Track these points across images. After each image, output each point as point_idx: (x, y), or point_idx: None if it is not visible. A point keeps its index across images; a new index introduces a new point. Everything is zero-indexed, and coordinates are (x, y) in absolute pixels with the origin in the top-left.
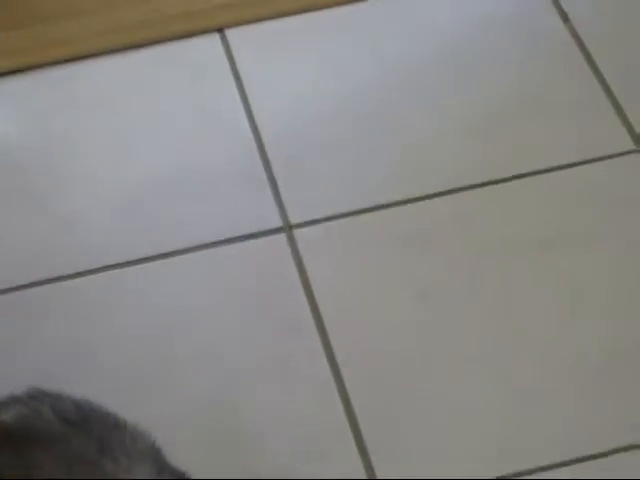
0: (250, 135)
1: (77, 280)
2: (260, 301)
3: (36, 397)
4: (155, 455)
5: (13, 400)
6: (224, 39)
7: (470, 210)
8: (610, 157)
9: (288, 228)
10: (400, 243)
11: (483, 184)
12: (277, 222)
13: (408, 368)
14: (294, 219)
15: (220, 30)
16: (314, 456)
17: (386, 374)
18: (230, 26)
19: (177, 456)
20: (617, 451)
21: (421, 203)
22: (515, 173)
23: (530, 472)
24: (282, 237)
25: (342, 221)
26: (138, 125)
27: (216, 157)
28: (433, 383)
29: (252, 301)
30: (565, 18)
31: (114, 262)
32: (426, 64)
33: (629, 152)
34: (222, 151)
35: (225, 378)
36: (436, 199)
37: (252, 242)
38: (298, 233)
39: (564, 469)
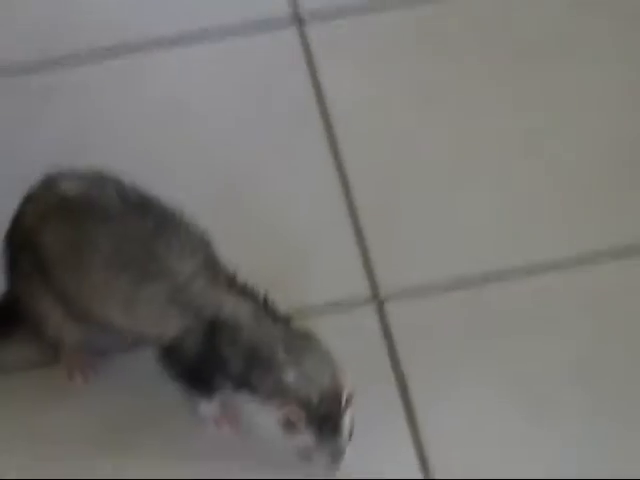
0: None
1: (94, 60)
2: (269, 91)
3: (100, 176)
4: (207, 251)
5: (76, 174)
6: None
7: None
8: None
9: (298, 22)
10: (413, 45)
11: None
12: (286, 13)
13: (411, 167)
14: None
15: None
16: (315, 244)
17: (388, 170)
18: None
19: None
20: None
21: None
22: None
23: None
24: (293, 31)
25: (355, 18)
26: None
27: None
28: (435, 183)
29: (262, 91)
30: None
31: (132, 41)
32: None
33: None
34: None
35: (234, 162)
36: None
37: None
38: (310, 30)
39: (564, 269)
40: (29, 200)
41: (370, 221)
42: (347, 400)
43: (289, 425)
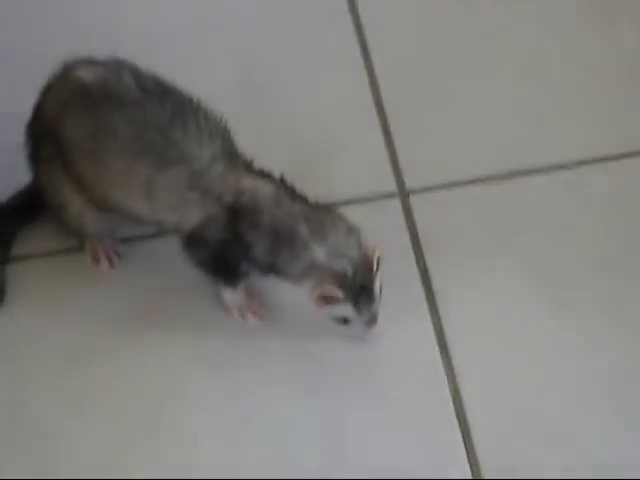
0: None
1: None
2: None
3: (117, 63)
4: (225, 137)
5: (94, 62)
6: None
7: None
8: None
9: None
10: None
11: None
12: None
13: (439, 66)
14: None
15: None
16: (341, 139)
17: (416, 68)
18: None
19: None
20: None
21: None
22: None
23: (547, 168)
24: None
25: None
26: None
27: None
28: (461, 83)
29: None
30: None
31: None
32: None
33: None
34: None
35: (262, 54)
36: None
37: None
38: None
39: (584, 167)
40: (48, 89)
41: (397, 118)
42: (377, 266)
43: (326, 300)
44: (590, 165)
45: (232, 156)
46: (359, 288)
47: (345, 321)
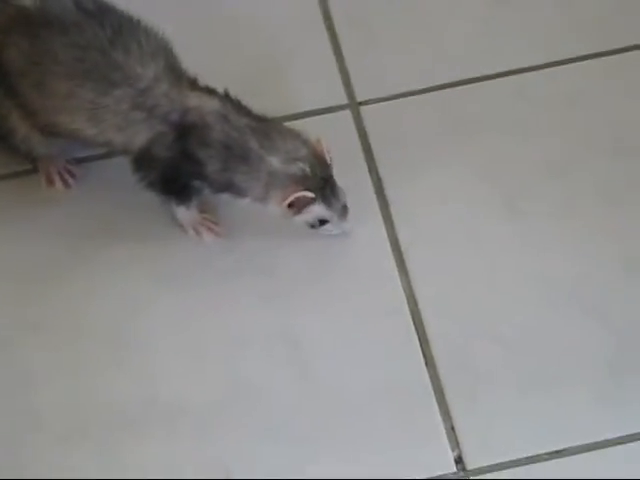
0: None
1: None
2: None
3: None
4: (168, 55)
5: None
6: None
7: None
8: None
9: None
10: None
11: None
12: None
13: None
14: None
15: None
16: (289, 51)
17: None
18: None
19: None
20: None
21: None
22: None
23: (497, 75)
24: None
25: None
26: None
27: None
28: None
29: None
30: None
31: None
32: None
33: None
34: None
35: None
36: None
37: None
38: None
39: (533, 73)
40: None
41: (345, 28)
42: (329, 157)
43: (297, 207)
44: (538, 71)
45: (176, 74)
46: (322, 183)
47: (321, 222)
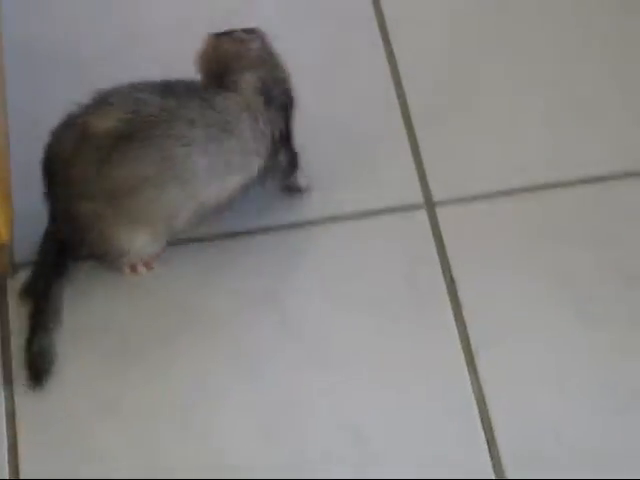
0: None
1: None
2: None
3: (118, 93)
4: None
5: (103, 103)
6: None
7: None
8: None
9: None
10: None
11: None
12: None
13: (466, 75)
14: None
15: None
16: (368, 148)
17: (443, 77)
18: None
19: None
20: None
21: None
22: None
23: (572, 182)
24: None
25: None
26: None
27: None
28: (486, 88)
29: None
30: None
31: None
32: None
33: None
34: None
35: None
36: None
37: None
38: None
39: (610, 181)
40: (64, 143)
41: (424, 128)
42: None
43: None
44: (618, 180)
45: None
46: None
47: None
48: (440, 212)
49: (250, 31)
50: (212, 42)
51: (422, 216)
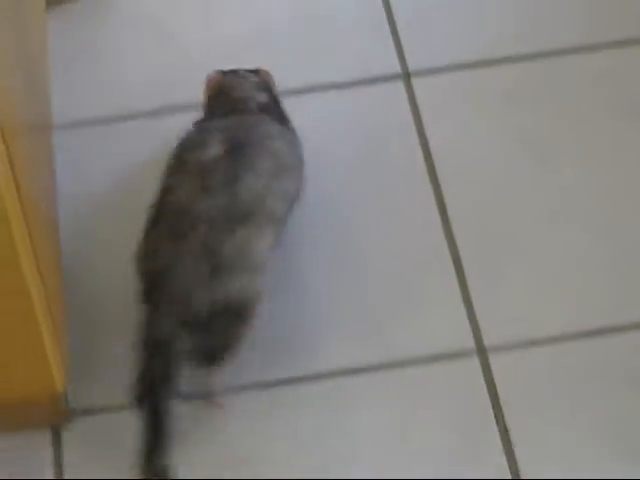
0: None
1: None
2: (375, 146)
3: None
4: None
5: None
6: None
7: (593, 68)
8: None
9: (406, 76)
10: (515, 98)
11: (609, 44)
12: (396, 69)
13: (512, 218)
14: (413, 66)
15: None
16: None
17: (493, 224)
18: None
19: None
20: None
21: (543, 60)
22: None
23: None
24: (400, 85)
25: (459, 72)
26: None
27: (339, 3)
28: (535, 234)
29: (367, 145)
30: None
31: None
32: None
33: None
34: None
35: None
36: (558, 56)
37: (370, 88)
38: (416, 82)
39: None
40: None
41: (474, 274)
42: None
43: None
44: None
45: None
46: None
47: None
48: (493, 360)
49: (254, 70)
50: (217, 78)
51: (474, 363)
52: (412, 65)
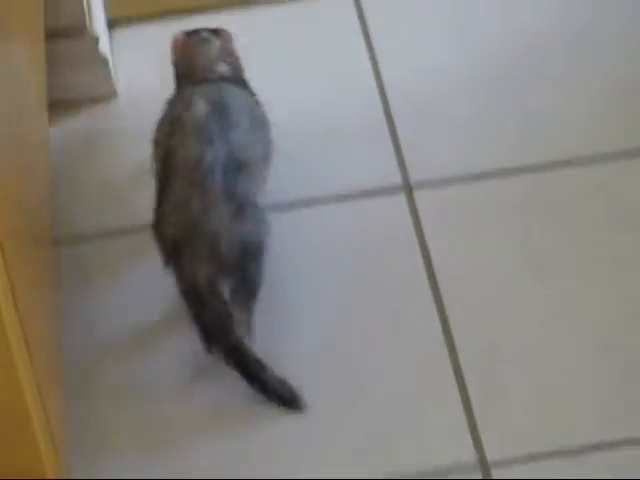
0: (376, 95)
1: None
2: (376, 259)
3: None
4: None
5: None
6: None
7: (595, 180)
8: None
9: (408, 188)
10: (519, 210)
11: (609, 156)
12: (397, 181)
13: (518, 333)
14: (415, 178)
15: None
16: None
17: (495, 337)
18: None
19: None
20: None
21: (543, 172)
22: None
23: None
24: (401, 197)
25: (462, 185)
26: (263, 79)
27: (341, 113)
28: (539, 351)
29: (368, 258)
30: None
31: None
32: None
33: None
34: (347, 107)
35: (338, 330)
36: (558, 168)
37: (371, 200)
38: (418, 194)
39: None
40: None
41: (477, 392)
42: None
43: None
44: None
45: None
46: None
47: None
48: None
49: (215, 30)
50: (181, 40)
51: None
52: (414, 177)
